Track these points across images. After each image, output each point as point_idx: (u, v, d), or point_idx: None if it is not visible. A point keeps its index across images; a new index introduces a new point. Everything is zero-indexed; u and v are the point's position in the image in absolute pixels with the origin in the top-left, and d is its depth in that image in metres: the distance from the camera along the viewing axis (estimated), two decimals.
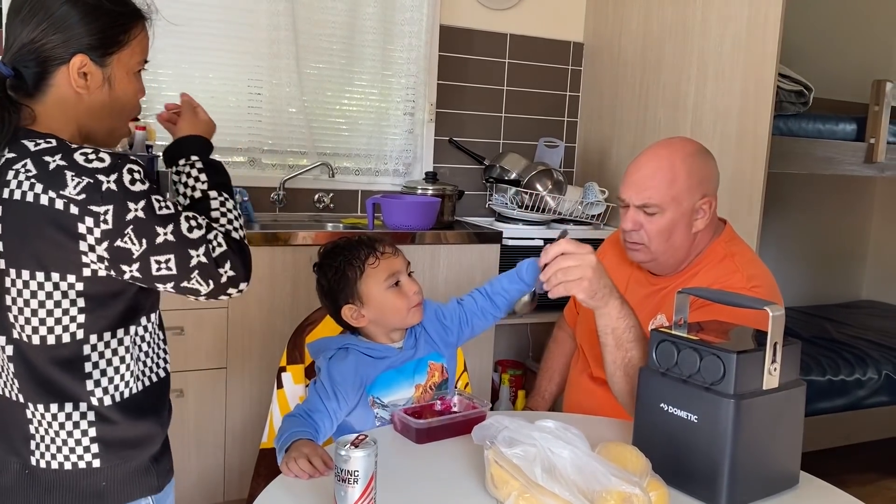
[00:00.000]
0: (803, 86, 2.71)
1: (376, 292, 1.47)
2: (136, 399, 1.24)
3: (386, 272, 1.48)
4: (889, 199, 4.21)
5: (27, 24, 1.14)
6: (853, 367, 2.98)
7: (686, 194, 1.60)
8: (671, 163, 1.61)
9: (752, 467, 1.18)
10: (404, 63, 3.08)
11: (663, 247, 1.63)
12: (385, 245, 1.51)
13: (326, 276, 1.51)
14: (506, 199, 3.10)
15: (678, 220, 1.61)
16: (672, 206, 1.59)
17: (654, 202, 1.60)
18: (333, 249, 1.53)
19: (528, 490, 1.08)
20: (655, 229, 1.61)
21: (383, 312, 1.49)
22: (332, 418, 1.42)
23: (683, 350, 1.20)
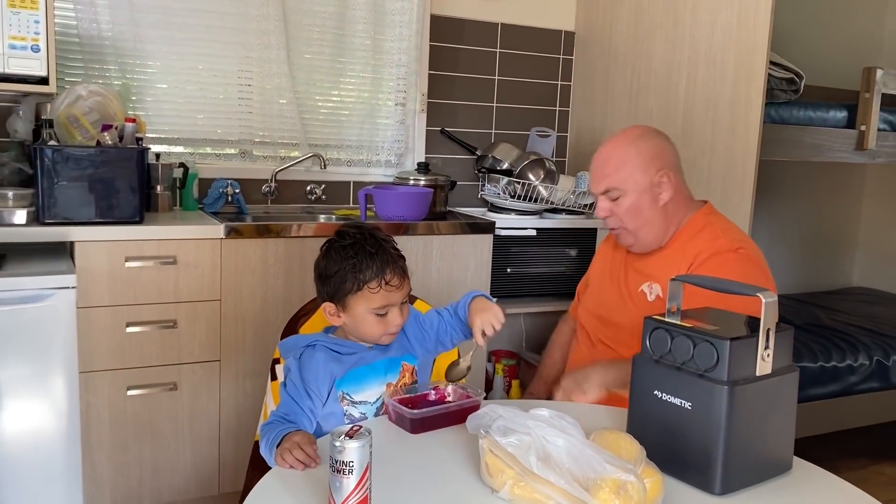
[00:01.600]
0: (794, 73, 2.72)
1: (361, 312, 1.45)
2: None
3: (380, 302, 1.44)
4: (879, 186, 4.23)
5: None
6: (845, 354, 3.00)
7: (640, 172, 1.75)
8: (619, 148, 1.78)
9: (745, 453, 1.18)
10: (395, 53, 3.07)
11: (637, 224, 1.78)
12: (395, 276, 1.45)
13: (328, 266, 1.47)
14: (498, 190, 3.09)
15: (641, 196, 1.75)
16: (630, 186, 1.75)
17: (612, 186, 1.77)
18: (351, 245, 1.46)
19: (524, 478, 1.09)
20: (623, 210, 1.77)
21: (358, 327, 1.48)
22: (310, 417, 1.42)
23: (677, 337, 1.21)
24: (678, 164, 1.83)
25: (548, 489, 1.07)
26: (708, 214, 1.83)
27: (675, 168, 1.80)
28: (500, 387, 3.13)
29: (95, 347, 2.21)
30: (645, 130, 1.83)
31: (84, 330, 2.17)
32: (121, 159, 2.23)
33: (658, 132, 1.83)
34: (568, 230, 3.01)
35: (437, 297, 2.66)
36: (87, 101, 2.36)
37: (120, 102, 2.44)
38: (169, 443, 2.36)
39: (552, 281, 3.02)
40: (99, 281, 2.19)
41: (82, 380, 2.16)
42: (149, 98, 2.72)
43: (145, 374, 2.29)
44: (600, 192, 1.80)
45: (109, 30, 2.60)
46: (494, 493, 1.13)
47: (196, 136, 2.81)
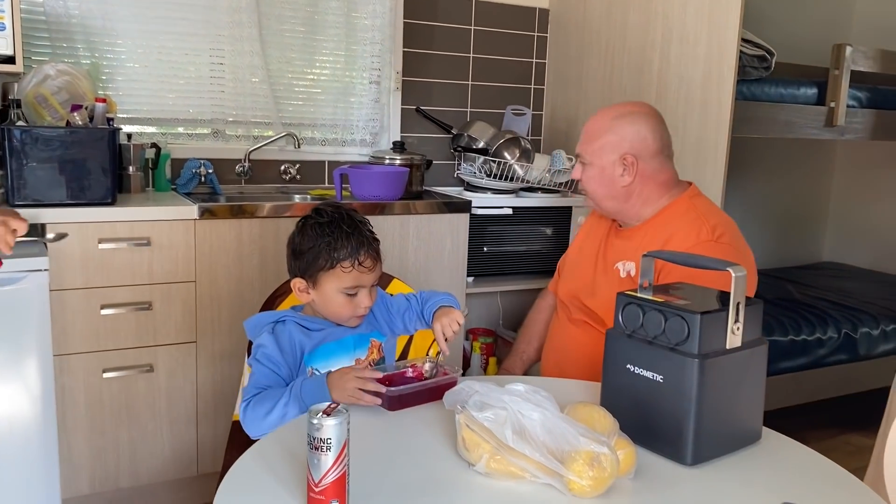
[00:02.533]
0: (766, 50, 2.74)
1: (330, 290, 1.47)
2: None
3: (352, 282, 1.46)
4: (849, 163, 4.30)
5: None
6: (814, 327, 3.06)
7: (608, 151, 1.81)
8: (600, 122, 1.84)
9: (716, 424, 1.21)
10: (369, 30, 3.04)
11: (598, 195, 1.86)
12: (369, 258, 1.47)
13: (302, 242, 1.49)
14: (474, 169, 3.10)
15: (602, 172, 1.82)
16: (596, 159, 1.83)
17: (582, 154, 1.86)
18: (328, 223, 1.47)
19: (499, 452, 1.11)
20: (586, 178, 1.87)
21: (326, 306, 1.50)
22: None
23: (649, 312, 1.23)
24: (658, 151, 1.81)
25: (523, 462, 1.09)
26: (692, 197, 1.84)
27: (650, 155, 1.80)
28: (478, 364, 3.15)
29: (70, 330, 2.20)
30: (633, 111, 1.83)
31: (58, 313, 2.15)
32: (91, 140, 2.20)
33: (649, 115, 1.83)
34: (544, 209, 3.03)
35: (415, 277, 2.67)
36: (56, 80, 2.32)
37: (89, 82, 2.41)
38: (146, 425, 2.36)
39: (528, 259, 3.04)
40: (72, 263, 2.17)
41: (57, 363, 2.15)
42: (119, 77, 2.68)
43: (121, 356, 2.28)
44: (575, 155, 1.92)
45: (77, 7, 2.56)
46: (471, 467, 1.14)
47: (168, 115, 2.78)
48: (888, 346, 3.17)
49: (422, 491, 1.10)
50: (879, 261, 4.12)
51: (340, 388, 1.31)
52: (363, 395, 1.31)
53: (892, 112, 3.14)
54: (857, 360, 3.12)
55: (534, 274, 3.05)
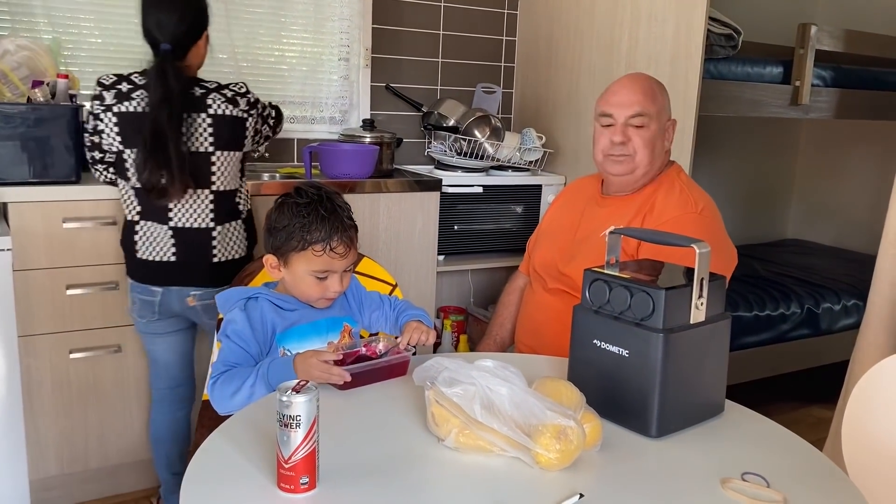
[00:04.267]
0: (733, 29, 2.76)
1: (301, 271, 1.47)
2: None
3: (322, 266, 1.45)
4: (813, 141, 4.36)
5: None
6: (778, 303, 3.12)
7: (662, 111, 1.84)
8: (651, 84, 1.85)
9: (680, 397, 1.24)
10: (338, 6, 3.01)
11: (648, 158, 1.82)
12: (342, 244, 1.46)
13: (278, 219, 1.48)
14: (444, 147, 3.09)
15: (658, 133, 1.83)
16: (656, 119, 1.82)
17: (646, 112, 1.81)
18: (306, 204, 1.46)
19: (468, 427, 1.12)
20: (642, 141, 1.81)
21: (296, 285, 1.50)
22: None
23: (615, 288, 1.25)
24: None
25: (491, 436, 1.11)
26: (680, 173, 1.90)
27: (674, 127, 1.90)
28: (448, 342, 3.17)
29: (35, 310, 2.17)
30: (660, 81, 1.90)
31: (22, 293, 2.12)
32: (54, 117, 2.16)
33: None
34: (514, 187, 3.04)
35: (385, 255, 2.67)
36: (15, 56, 2.26)
37: (50, 57, 2.35)
38: (115, 405, 2.34)
39: (499, 237, 3.05)
40: (35, 243, 2.14)
41: (22, 344, 2.12)
42: (82, 53, 2.62)
43: (88, 336, 2.26)
44: (630, 115, 1.81)
45: None
46: (440, 441, 1.16)
47: None
48: (849, 320, 3.24)
49: (392, 466, 1.11)
50: (842, 238, 4.21)
51: (305, 372, 1.31)
52: (328, 378, 1.32)
53: (856, 91, 3.19)
54: (820, 334, 3.20)
55: (504, 252, 3.07)
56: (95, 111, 2.03)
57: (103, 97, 2.01)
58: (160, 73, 1.95)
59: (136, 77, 2.03)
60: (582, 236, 1.90)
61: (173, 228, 2.03)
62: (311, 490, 1.03)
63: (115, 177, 2.09)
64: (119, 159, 2.03)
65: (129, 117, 1.99)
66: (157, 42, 1.97)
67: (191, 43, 2.03)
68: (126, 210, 2.08)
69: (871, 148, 4.04)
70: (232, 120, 2.06)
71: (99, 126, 2.02)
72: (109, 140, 2.02)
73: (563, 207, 2.04)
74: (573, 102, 3.08)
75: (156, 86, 1.94)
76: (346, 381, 1.33)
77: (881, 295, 2.06)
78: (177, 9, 1.98)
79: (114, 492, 2.43)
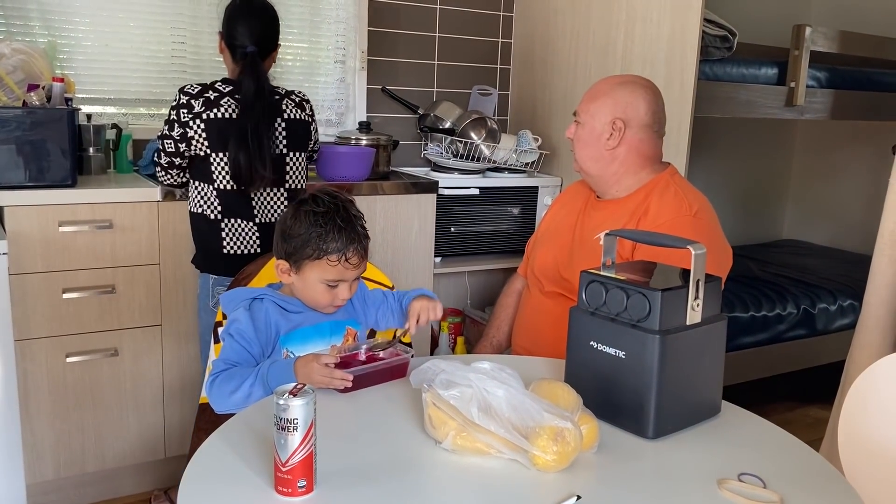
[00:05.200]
0: (727, 31, 2.77)
1: (312, 279, 1.47)
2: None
3: (335, 275, 1.46)
4: (808, 142, 4.38)
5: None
6: (774, 303, 3.13)
7: (600, 112, 1.87)
8: (603, 85, 1.91)
9: (676, 398, 1.24)
10: (334, 9, 3.01)
11: (583, 156, 1.91)
12: (356, 255, 1.46)
13: (293, 226, 1.47)
14: (441, 149, 3.10)
15: (592, 131, 1.88)
16: (588, 119, 1.89)
17: (578, 112, 1.92)
18: (323, 213, 1.45)
19: (465, 429, 1.12)
20: (577, 138, 1.92)
21: (305, 292, 1.50)
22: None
23: (611, 290, 1.25)
24: (648, 124, 1.87)
25: (489, 438, 1.11)
26: (672, 175, 1.90)
27: (639, 125, 1.86)
28: (446, 344, 3.17)
29: (31, 314, 2.16)
30: (636, 82, 1.90)
31: (18, 297, 2.11)
32: (50, 121, 2.16)
33: (648, 89, 1.89)
34: (510, 188, 3.04)
35: (382, 257, 2.68)
36: (11, 59, 2.26)
37: (46, 61, 2.35)
38: (112, 409, 2.34)
39: (495, 239, 3.06)
40: (32, 247, 2.14)
41: (18, 348, 2.12)
42: (78, 57, 2.62)
43: (84, 340, 2.25)
44: (573, 113, 1.95)
45: None
46: (438, 444, 1.16)
47: (129, 95, 2.73)
48: (845, 320, 3.25)
49: (389, 469, 1.11)
50: (837, 238, 4.22)
51: (306, 377, 1.31)
52: (330, 383, 1.32)
53: (851, 92, 3.19)
54: (816, 334, 3.20)
55: (501, 254, 3.07)
56: (184, 119, 2.11)
57: (192, 105, 2.11)
58: (252, 67, 2.12)
59: (220, 85, 2.14)
60: (579, 240, 1.90)
61: (258, 224, 2.18)
62: (308, 493, 1.03)
63: (189, 179, 2.20)
64: (205, 163, 2.13)
65: (219, 123, 2.10)
66: (242, 46, 2.14)
67: (271, 49, 2.22)
68: (205, 210, 2.17)
69: (865, 148, 4.05)
70: (301, 123, 2.26)
71: (188, 133, 2.11)
72: (198, 146, 2.11)
73: (561, 211, 2.04)
74: (569, 104, 3.08)
75: (249, 80, 2.11)
76: (348, 385, 1.33)
77: (876, 295, 2.06)
78: (262, 18, 2.20)
79: (111, 496, 2.42)
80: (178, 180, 2.24)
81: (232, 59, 2.18)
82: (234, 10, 2.19)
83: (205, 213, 2.17)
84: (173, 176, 2.22)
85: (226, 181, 2.13)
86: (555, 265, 1.92)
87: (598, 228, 1.85)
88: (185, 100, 2.11)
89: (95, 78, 2.66)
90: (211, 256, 2.20)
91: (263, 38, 2.18)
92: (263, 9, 2.22)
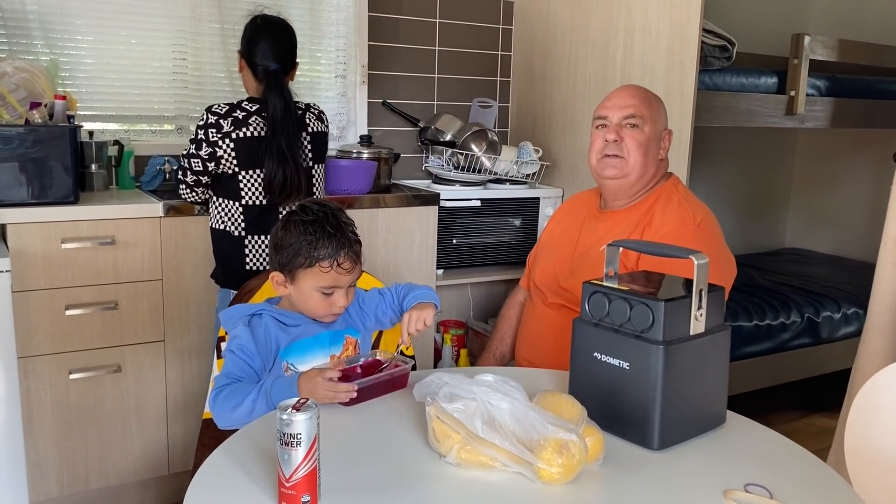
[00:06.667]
0: (727, 40, 2.78)
1: (307, 288, 1.47)
2: None
3: (329, 282, 1.46)
4: (809, 150, 4.38)
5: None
6: (778, 312, 3.12)
7: (658, 118, 1.86)
8: (647, 92, 1.88)
9: (681, 409, 1.23)
10: (334, 24, 3.03)
11: (639, 161, 1.82)
12: (348, 259, 1.47)
13: (284, 237, 1.48)
14: (442, 161, 3.10)
15: (652, 138, 1.83)
16: (650, 122, 1.83)
17: (640, 114, 1.82)
18: (312, 221, 1.46)
19: (470, 442, 1.12)
20: (635, 142, 1.82)
21: (302, 301, 1.50)
22: (260, 380, 1.43)
23: (614, 300, 1.24)
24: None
25: (493, 451, 1.10)
26: (677, 185, 1.90)
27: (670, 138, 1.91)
28: (449, 356, 3.17)
29: (34, 332, 2.16)
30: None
31: (21, 314, 2.12)
32: (52, 138, 2.17)
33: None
34: (512, 200, 3.05)
35: (384, 270, 2.67)
36: (13, 77, 2.27)
37: (48, 79, 2.36)
38: (115, 425, 2.33)
39: (497, 251, 3.06)
40: (35, 263, 2.14)
41: (21, 365, 2.11)
42: (79, 74, 2.64)
43: (88, 356, 2.25)
44: (623, 116, 1.82)
45: (34, 2, 2.51)
46: (442, 458, 1.15)
47: (130, 112, 2.74)
48: (849, 328, 3.24)
49: (393, 483, 1.11)
50: (840, 246, 4.21)
51: (310, 392, 1.31)
52: (335, 397, 1.32)
53: (850, 100, 3.20)
54: (820, 343, 3.19)
55: (503, 265, 3.07)
56: (212, 138, 2.12)
57: (220, 125, 2.12)
58: (277, 85, 2.16)
59: (246, 104, 2.16)
60: (581, 251, 1.90)
61: None
62: None
63: (212, 196, 2.23)
64: (233, 181, 2.15)
65: (248, 142, 2.13)
66: (264, 65, 2.17)
67: (291, 66, 2.25)
68: (229, 226, 2.18)
69: (866, 156, 4.05)
70: (322, 135, 2.32)
71: (217, 152, 2.12)
72: (226, 165, 2.14)
73: (563, 222, 2.04)
74: (569, 115, 3.09)
75: (275, 98, 2.14)
76: (353, 397, 1.32)
77: (881, 303, 2.06)
78: (283, 37, 2.24)
79: None
80: (202, 198, 2.26)
81: (254, 77, 2.20)
82: (255, 30, 2.22)
83: (228, 230, 2.18)
84: (198, 194, 2.24)
85: (254, 198, 2.15)
86: (556, 276, 1.92)
87: (602, 240, 1.85)
88: (213, 119, 2.13)
89: (97, 95, 2.67)
90: (232, 272, 2.20)
91: (284, 56, 2.21)
92: (283, 27, 2.26)
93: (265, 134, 2.13)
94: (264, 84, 2.17)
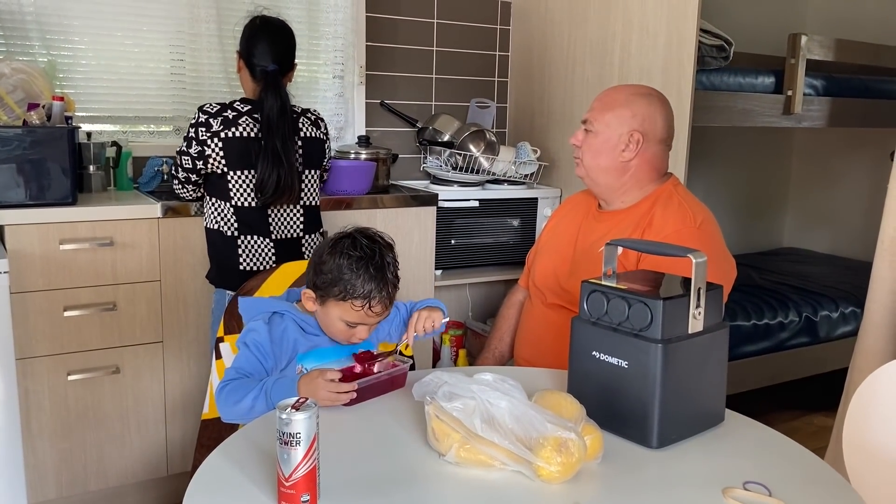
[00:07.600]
0: (724, 40, 2.78)
1: (334, 316, 1.47)
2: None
3: (356, 318, 1.45)
4: (806, 150, 4.39)
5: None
6: (776, 311, 3.12)
7: (617, 123, 1.83)
8: (620, 94, 1.87)
9: (680, 407, 1.23)
10: (331, 25, 3.03)
11: (594, 165, 1.87)
12: (380, 304, 1.45)
13: (327, 263, 1.45)
14: (440, 162, 3.10)
15: (606, 141, 1.84)
16: (603, 128, 1.84)
17: (590, 120, 1.87)
18: (357, 259, 1.44)
19: (469, 441, 1.12)
20: (587, 146, 1.87)
21: (327, 325, 1.50)
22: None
23: (613, 299, 1.25)
24: (663, 139, 1.86)
25: (492, 450, 1.10)
26: (676, 186, 1.89)
27: (654, 139, 1.84)
28: (448, 357, 3.17)
29: (32, 333, 2.16)
30: (653, 94, 1.88)
31: (19, 315, 2.11)
32: (50, 139, 2.17)
33: (664, 103, 1.87)
34: (510, 200, 3.05)
35: None
36: (11, 79, 2.27)
37: (46, 80, 2.36)
38: (114, 426, 2.33)
39: (496, 251, 3.06)
40: (33, 265, 2.14)
41: (19, 366, 2.11)
42: (77, 75, 2.64)
43: (86, 358, 2.25)
44: (584, 118, 1.90)
45: (32, 4, 2.51)
46: (441, 457, 1.15)
47: (128, 113, 2.74)
48: (847, 328, 3.25)
49: (393, 482, 1.11)
50: (838, 245, 4.22)
51: (311, 393, 1.31)
52: (337, 398, 1.32)
53: (847, 99, 3.21)
54: (818, 342, 3.20)
55: (502, 265, 3.07)
56: (202, 137, 2.12)
57: (210, 124, 2.12)
58: (275, 85, 2.15)
59: (238, 104, 2.16)
60: (580, 251, 1.90)
61: (275, 240, 2.20)
62: None
63: (204, 194, 2.24)
64: (222, 180, 2.15)
65: (236, 142, 2.12)
66: (262, 65, 2.17)
67: (289, 68, 2.24)
68: (222, 226, 2.18)
69: (863, 155, 4.06)
70: (316, 141, 2.28)
71: (206, 151, 2.13)
72: (215, 164, 2.14)
73: (561, 222, 2.04)
74: (567, 115, 3.10)
75: (272, 98, 2.14)
76: (353, 396, 1.33)
77: (878, 301, 2.06)
78: (282, 37, 2.24)
79: None
80: (195, 195, 2.27)
81: (252, 77, 2.20)
82: (254, 30, 2.22)
83: (221, 230, 2.18)
84: (190, 191, 2.25)
85: (243, 198, 2.15)
86: (556, 276, 1.92)
87: (601, 240, 1.85)
88: (203, 118, 2.13)
89: (95, 96, 2.67)
90: (227, 272, 2.20)
91: (283, 57, 2.21)
92: (282, 28, 2.26)
93: (257, 135, 2.13)
94: (261, 84, 2.17)
